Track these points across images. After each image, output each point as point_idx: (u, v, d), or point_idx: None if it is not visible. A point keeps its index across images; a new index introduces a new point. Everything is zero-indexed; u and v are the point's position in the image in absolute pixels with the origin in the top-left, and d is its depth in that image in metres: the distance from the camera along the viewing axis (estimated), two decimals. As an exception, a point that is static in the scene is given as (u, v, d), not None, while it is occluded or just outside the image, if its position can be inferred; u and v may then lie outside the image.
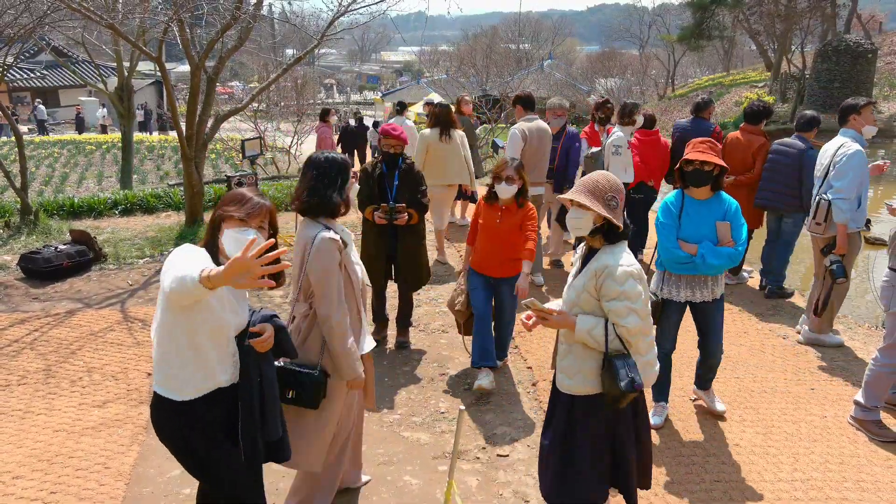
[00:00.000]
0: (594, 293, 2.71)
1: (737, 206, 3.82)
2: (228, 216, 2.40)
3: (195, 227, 8.04)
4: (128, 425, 4.10)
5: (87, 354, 5.02)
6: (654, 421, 4.04)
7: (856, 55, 17.13)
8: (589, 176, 2.77)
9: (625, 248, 2.74)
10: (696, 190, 3.83)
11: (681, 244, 3.81)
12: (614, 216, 2.67)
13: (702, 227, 3.80)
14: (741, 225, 3.80)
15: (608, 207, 2.67)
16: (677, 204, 3.90)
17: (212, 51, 7.91)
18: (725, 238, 3.77)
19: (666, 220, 3.91)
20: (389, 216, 4.70)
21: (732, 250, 3.73)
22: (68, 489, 3.48)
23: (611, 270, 2.65)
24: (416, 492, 3.52)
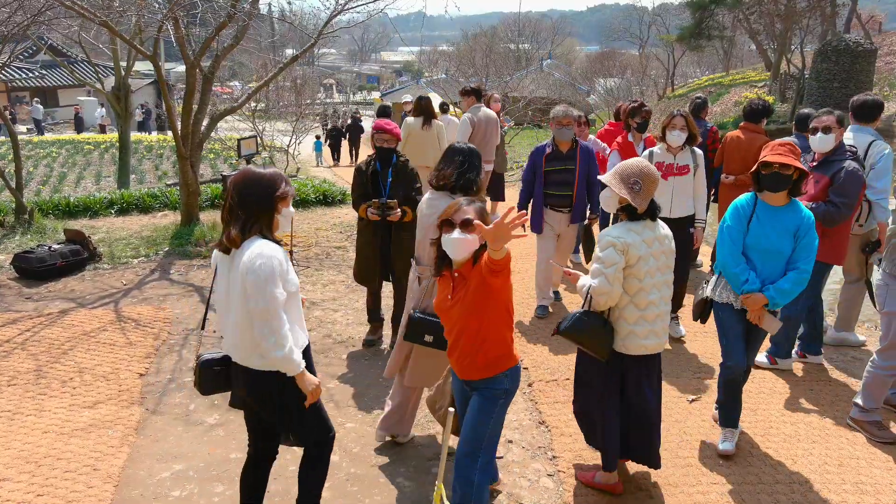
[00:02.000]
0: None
1: (812, 218, 3.50)
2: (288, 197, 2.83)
3: (191, 227, 8.00)
4: (118, 426, 4.05)
5: (78, 355, 4.97)
6: (721, 447, 3.76)
7: (855, 55, 17.08)
8: (625, 161, 3.22)
9: (639, 223, 3.14)
10: (771, 195, 3.52)
11: (745, 301, 3.53)
12: (634, 198, 3.06)
13: (771, 236, 3.50)
14: (813, 241, 3.47)
15: (631, 191, 3.07)
16: (748, 208, 3.60)
17: (208, 49, 7.86)
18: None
19: (733, 223, 3.62)
20: (382, 212, 4.66)
21: (796, 275, 3.46)
22: (56, 492, 3.43)
23: (601, 237, 3.16)
24: (410, 493, 3.47)
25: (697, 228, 5.16)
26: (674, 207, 5.02)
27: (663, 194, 4.79)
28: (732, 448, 3.77)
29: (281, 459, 3.74)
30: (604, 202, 3.24)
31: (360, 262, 5.02)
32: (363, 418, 4.20)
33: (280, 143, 19.59)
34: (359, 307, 5.87)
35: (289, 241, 7.56)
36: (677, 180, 5.00)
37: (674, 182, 5.00)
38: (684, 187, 5.02)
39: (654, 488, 3.49)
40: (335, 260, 7.35)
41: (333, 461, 3.72)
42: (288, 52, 22.34)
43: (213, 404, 4.32)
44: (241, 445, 3.87)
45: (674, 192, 5.00)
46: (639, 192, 3.07)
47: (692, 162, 5.03)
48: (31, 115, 29.36)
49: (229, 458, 3.76)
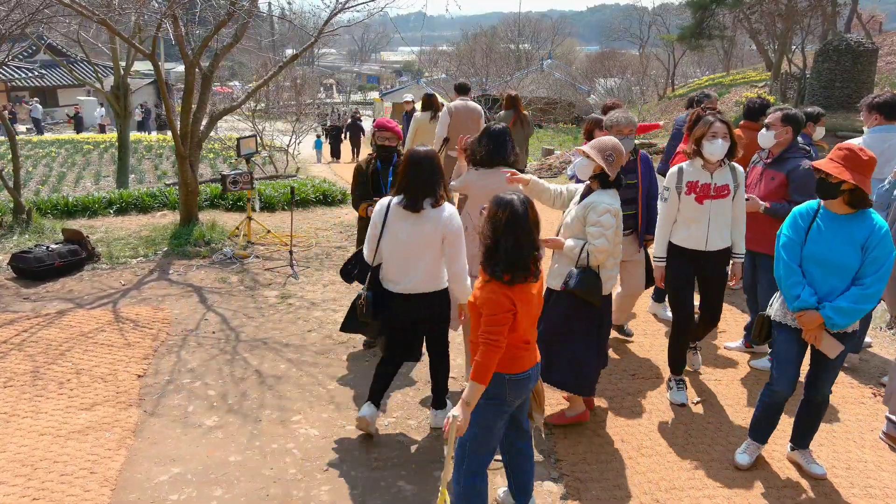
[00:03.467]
0: (582, 221, 3.65)
1: (886, 230, 3.13)
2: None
3: (190, 227, 7.93)
4: (116, 429, 4.00)
5: (76, 356, 4.92)
6: (738, 457, 3.63)
7: (857, 55, 17.03)
8: (600, 137, 3.72)
9: (613, 193, 3.68)
10: (832, 203, 3.21)
11: (798, 319, 3.26)
12: (608, 168, 3.59)
13: (833, 247, 3.18)
14: (886, 255, 3.11)
15: (606, 161, 3.58)
16: (808, 216, 3.28)
17: (207, 48, 7.80)
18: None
19: (790, 232, 3.32)
20: None
21: (860, 291, 3.13)
22: (52, 495, 3.38)
23: (595, 205, 3.62)
24: (411, 497, 3.42)
25: (735, 264, 4.19)
26: (711, 238, 4.04)
27: (697, 222, 4.02)
28: (747, 463, 3.60)
29: (281, 461, 3.69)
30: (579, 170, 3.73)
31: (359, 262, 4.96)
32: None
33: (280, 142, 19.54)
34: (359, 308, 5.81)
35: (288, 241, 7.49)
36: (716, 205, 4.00)
37: (711, 207, 4.00)
38: (724, 213, 4.04)
39: (661, 492, 3.44)
40: (335, 260, 7.29)
41: (333, 464, 3.68)
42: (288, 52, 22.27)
43: (212, 406, 4.27)
44: (240, 448, 3.82)
45: (711, 219, 4.01)
46: (612, 163, 3.61)
47: (732, 181, 4.03)
48: (30, 115, 29.32)
49: (228, 460, 3.71)
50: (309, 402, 4.35)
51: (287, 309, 5.92)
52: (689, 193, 4.02)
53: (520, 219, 2.76)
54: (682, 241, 4.12)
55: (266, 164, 17.67)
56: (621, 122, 4.49)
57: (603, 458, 3.74)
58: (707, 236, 4.04)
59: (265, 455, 3.77)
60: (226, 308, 5.92)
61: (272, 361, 4.91)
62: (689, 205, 4.04)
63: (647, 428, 4.04)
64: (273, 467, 3.66)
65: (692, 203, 4.02)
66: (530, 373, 2.87)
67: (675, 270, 4.17)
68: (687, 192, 4.03)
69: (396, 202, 3.60)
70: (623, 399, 4.37)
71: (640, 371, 4.78)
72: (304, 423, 4.10)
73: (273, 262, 7.21)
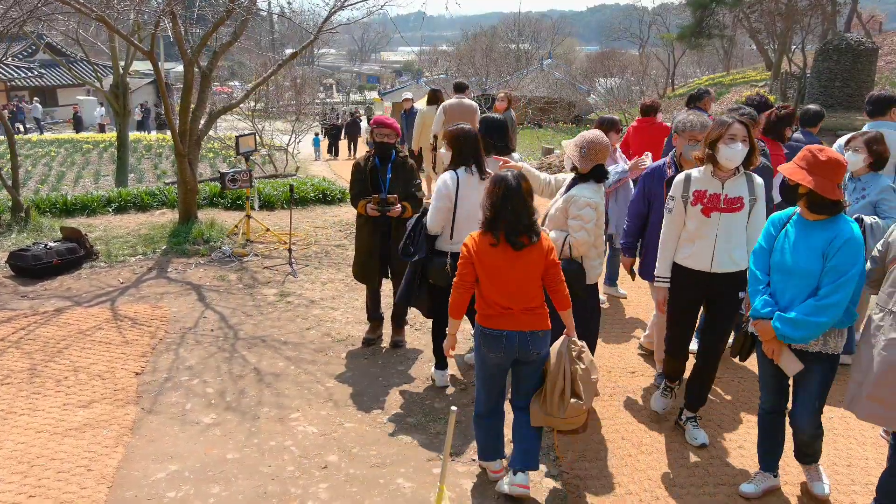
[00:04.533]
0: (565, 213, 3.74)
1: (849, 238, 2.87)
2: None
3: (188, 225, 7.91)
4: (113, 426, 3.98)
5: (73, 353, 4.90)
6: (742, 487, 3.39)
7: (857, 54, 17.02)
8: (584, 132, 3.79)
9: (593, 186, 3.75)
10: (803, 208, 3.03)
11: (755, 327, 3.13)
12: (579, 160, 3.73)
13: (794, 255, 2.99)
14: (844, 263, 2.85)
15: (578, 153, 3.72)
16: (779, 224, 3.12)
17: (206, 46, 7.78)
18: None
19: (760, 241, 3.18)
20: (382, 208, 4.59)
21: (813, 302, 2.90)
22: (48, 492, 3.36)
23: (576, 198, 3.69)
24: (409, 495, 3.40)
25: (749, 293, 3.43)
26: (718, 257, 3.52)
27: (703, 237, 3.53)
28: (753, 492, 3.34)
29: (279, 459, 3.68)
30: (565, 162, 3.88)
31: (359, 259, 4.95)
32: (362, 418, 4.13)
33: (279, 141, 19.53)
34: (358, 306, 5.80)
35: (287, 239, 7.48)
36: (725, 219, 3.49)
37: (719, 221, 3.49)
38: (735, 229, 3.50)
39: (661, 489, 3.42)
40: (334, 258, 7.27)
41: (332, 462, 3.66)
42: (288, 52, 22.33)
43: (210, 404, 4.25)
44: (238, 445, 3.80)
45: (719, 235, 3.50)
46: (584, 156, 3.70)
47: (748, 193, 3.49)
48: (31, 114, 29.32)
49: (226, 458, 3.69)
50: (307, 399, 4.33)
51: (286, 307, 5.90)
52: (696, 204, 3.53)
53: (514, 191, 3.18)
54: (685, 260, 3.63)
55: (266, 163, 17.66)
56: (695, 127, 3.99)
57: (602, 456, 3.72)
58: (713, 255, 3.52)
59: (263, 452, 3.75)
60: (224, 306, 5.90)
61: (271, 359, 4.89)
62: (695, 217, 3.55)
63: (647, 425, 4.02)
64: (271, 465, 3.64)
65: (698, 215, 3.53)
66: (504, 333, 3.20)
67: (678, 294, 3.71)
68: (693, 201, 3.54)
69: (463, 174, 4.09)
70: (622, 397, 4.35)
71: (640, 369, 4.76)
72: (302, 420, 4.08)
73: (272, 260, 7.19)
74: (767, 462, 3.39)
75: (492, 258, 3.18)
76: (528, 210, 3.19)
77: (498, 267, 3.18)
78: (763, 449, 3.39)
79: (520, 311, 3.21)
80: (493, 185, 3.23)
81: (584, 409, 3.26)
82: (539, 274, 3.23)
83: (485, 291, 3.23)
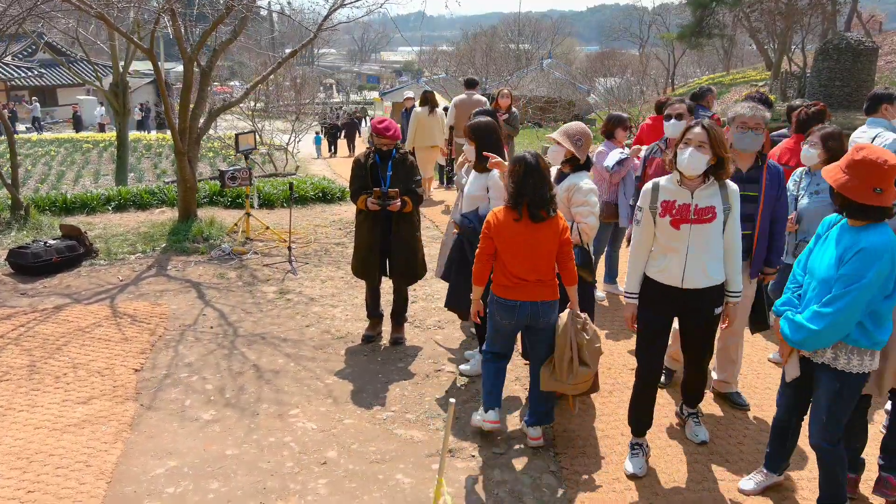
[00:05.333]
0: (567, 202, 3.86)
1: (865, 247, 2.68)
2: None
3: (188, 223, 7.91)
4: (112, 422, 3.97)
5: (73, 350, 4.89)
6: (741, 482, 3.37)
7: (857, 53, 17.01)
8: (567, 124, 4.01)
9: (586, 174, 3.96)
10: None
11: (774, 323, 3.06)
12: (578, 152, 3.91)
13: (819, 261, 2.88)
14: (854, 275, 2.67)
15: (575, 145, 3.90)
16: (827, 226, 2.98)
17: (206, 44, 7.78)
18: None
19: (812, 243, 3.05)
20: (382, 201, 4.59)
21: (814, 308, 2.78)
22: (47, 488, 3.36)
23: (578, 186, 3.86)
24: (408, 490, 3.40)
25: (730, 305, 3.40)
26: (689, 272, 3.25)
27: (674, 251, 3.26)
28: (751, 489, 3.32)
29: (278, 455, 3.67)
30: (552, 156, 3.95)
31: (359, 255, 4.95)
32: (361, 414, 4.12)
33: (280, 141, 19.53)
34: (358, 303, 5.80)
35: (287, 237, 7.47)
36: (696, 231, 3.22)
37: (690, 234, 3.23)
38: (707, 242, 3.24)
39: (660, 485, 3.42)
40: (334, 256, 7.27)
41: (331, 458, 3.66)
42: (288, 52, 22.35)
43: (210, 400, 4.25)
44: (237, 441, 3.80)
45: (689, 248, 3.24)
46: (581, 147, 3.90)
47: (721, 202, 3.23)
48: (31, 114, 29.32)
49: (225, 454, 3.68)
50: (307, 396, 4.33)
51: (285, 304, 5.90)
52: (664, 215, 3.26)
53: (533, 168, 3.46)
54: (657, 275, 3.35)
55: (266, 162, 17.65)
56: (745, 115, 3.73)
57: (602, 452, 3.72)
58: (684, 270, 3.26)
59: (262, 449, 3.74)
60: (224, 303, 5.89)
61: (270, 356, 4.89)
62: (664, 229, 3.28)
63: (647, 422, 4.01)
64: (270, 461, 3.64)
65: (667, 227, 3.26)
66: (518, 303, 3.52)
67: (648, 311, 3.42)
68: (661, 213, 3.27)
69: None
70: (622, 393, 4.35)
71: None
72: (301, 416, 4.08)
73: (271, 258, 7.19)
74: (773, 462, 3.33)
75: (513, 232, 3.46)
76: (547, 185, 3.47)
77: (518, 240, 3.47)
78: (772, 448, 3.32)
79: (534, 283, 3.50)
80: (514, 165, 3.51)
81: (591, 373, 3.58)
82: (554, 248, 3.50)
83: (505, 264, 3.51)
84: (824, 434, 2.93)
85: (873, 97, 5.07)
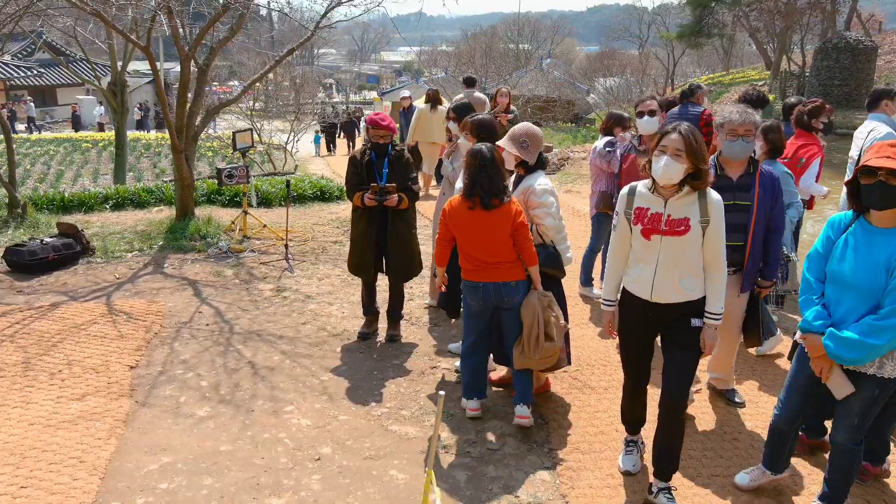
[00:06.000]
0: (524, 205, 3.82)
1: None
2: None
3: (185, 221, 7.90)
4: (106, 419, 3.96)
5: (68, 347, 4.88)
6: (737, 477, 3.35)
7: (856, 52, 17.02)
8: (514, 127, 3.93)
9: (541, 174, 3.95)
10: (877, 214, 2.68)
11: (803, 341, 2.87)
12: (525, 154, 3.86)
13: (856, 265, 2.68)
14: None
15: (521, 148, 3.85)
16: (842, 226, 2.80)
17: (203, 42, 7.77)
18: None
19: (817, 246, 2.87)
20: (380, 197, 4.58)
21: (870, 321, 2.63)
22: (39, 483, 3.35)
23: (533, 188, 3.85)
24: (402, 486, 3.39)
25: (707, 326, 3.04)
26: (658, 285, 3.02)
27: (644, 262, 3.05)
28: (745, 484, 3.29)
29: (272, 451, 3.66)
30: (507, 161, 3.89)
31: (355, 252, 4.94)
32: (357, 411, 4.11)
33: (278, 140, 19.53)
34: (354, 301, 5.79)
35: (284, 235, 7.46)
36: (667, 243, 2.98)
37: (661, 245, 2.99)
38: (679, 255, 2.98)
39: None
40: (331, 254, 7.26)
41: (325, 454, 3.65)
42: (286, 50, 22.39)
43: (204, 397, 4.24)
44: (232, 438, 3.79)
45: (659, 260, 3.00)
46: (528, 148, 3.87)
47: (697, 215, 2.94)
48: (26, 113, 29.33)
49: (219, 450, 3.68)
50: (302, 392, 4.32)
51: (282, 302, 5.89)
52: (637, 223, 3.04)
53: (488, 161, 3.67)
54: (630, 284, 3.16)
55: (265, 162, 17.65)
56: (734, 121, 3.47)
57: (597, 448, 3.71)
58: (654, 281, 3.02)
59: (257, 445, 3.74)
60: (220, 301, 5.89)
61: (266, 353, 4.88)
62: (636, 238, 3.08)
63: (642, 418, 4.01)
64: (264, 456, 3.63)
65: (639, 236, 3.06)
66: (481, 284, 3.75)
67: (626, 320, 3.24)
68: (634, 220, 3.05)
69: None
70: (617, 390, 4.33)
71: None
72: (296, 413, 4.07)
73: (269, 256, 7.18)
74: (771, 462, 3.25)
75: (467, 219, 3.69)
76: (500, 176, 3.68)
77: (473, 227, 3.69)
78: (770, 451, 3.23)
79: (493, 265, 3.72)
80: (471, 158, 3.70)
81: (556, 348, 3.74)
82: (508, 232, 3.67)
83: (464, 248, 3.77)
84: (854, 435, 2.87)
85: (874, 93, 5.22)
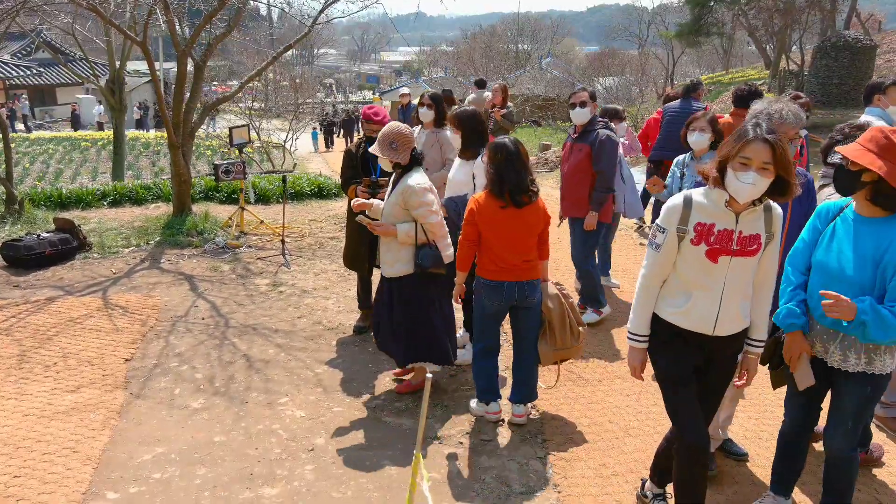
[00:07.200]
0: (402, 206, 3.78)
1: None
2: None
3: (182, 217, 7.90)
4: (101, 410, 3.97)
5: (63, 340, 4.89)
6: None
7: (855, 51, 17.01)
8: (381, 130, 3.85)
9: (419, 171, 3.84)
10: (862, 203, 2.54)
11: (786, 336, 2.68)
12: (395, 156, 3.79)
13: (840, 255, 2.54)
14: None
15: (391, 150, 3.78)
16: (830, 214, 2.64)
17: (199, 38, 7.78)
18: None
19: (803, 235, 2.71)
20: (373, 191, 4.58)
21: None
22: (33, 473, 3.35)
23: (413, 188, 3.73)
24: (395, 475, 3.40)
25: (749, 355, 2.70)
26: (724, 316, 2.54)
27: (706, 289, 2.53)
28: None
29: (266, 442, 3.67)
30: (382, 164, 3.88)
31: (349, 246, 4.95)
32: (351, 402, 4.12)
33: (277, 139, 19.54)
34: (350, 295, 5.79)
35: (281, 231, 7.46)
36: (737, 265, 2.51)
37: (729, 269, 2.50)
38: (746, 278, 2.56)
39: (647, 472, 3.41)
40: (328, 250, 7.27)
41: (319, 444, 3.65)
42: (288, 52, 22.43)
43: (199, 389, 4.25)
44: (225, 429, 3.80)
45: (726, 287, 2.52)
46: (397, 149, 3.79)
47: (764, 229, 2.50)
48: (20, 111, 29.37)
49: (213, 441, 3.68)
50: (296, 385, 4.33)
51: (278, 296, 5.89)
52: (699, 242, 2.50)
53: (514, 154, 3.49)
54: (676, 317, 2.60)
55: (264, 161, 17.66)
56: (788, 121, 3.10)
57: (590, 439, 3.71)
58: (718, 313, 2.54)
59: (250, 436, 3.74)
60: (216, 295, 5.89)
61: (261, 346, 4.89)
62: (694, 261, 2.53)
63: (635, 409, 4.01)
64: (258, 447, 3.63)
65: (700, 259, 2.51)
66: (504, 284, 3.58)
67: (669, 360, 2.69)
68: (695, 239, 2.51)
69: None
70: (612, 382, 4.35)
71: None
72: (290, 405, 4.08)
73: (265, 251, 7.18)
74: (781, 484, 3.00)
75: (497, 218, 3.51)
76: (527, 170, 3.52)
77: (503, 225, 3.52)
78: (779, 467, 2.99)
79: (520, 264, 3.58)
80: (494, 152, 3.51)
81: (585, 332, 3.84)
82: (538, 229, 3.59)
83: (494, 248, 3.56)
84: (850, 440, 2.71)
85: (867, 88, 5.30)
